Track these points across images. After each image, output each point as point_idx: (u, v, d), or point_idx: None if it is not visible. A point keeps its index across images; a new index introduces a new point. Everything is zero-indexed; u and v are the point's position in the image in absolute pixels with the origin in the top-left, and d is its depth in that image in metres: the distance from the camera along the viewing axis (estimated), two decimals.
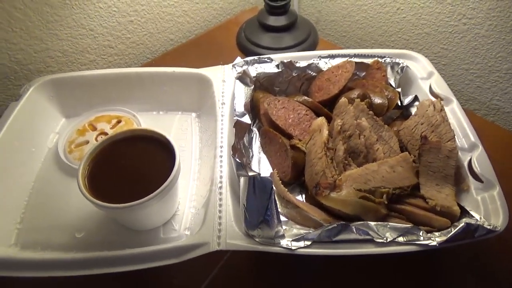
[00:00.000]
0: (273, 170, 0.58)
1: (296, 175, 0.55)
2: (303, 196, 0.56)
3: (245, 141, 0.59)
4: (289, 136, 0.59)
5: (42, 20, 0.65)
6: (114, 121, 0.65)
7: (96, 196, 0.45)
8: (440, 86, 0.60)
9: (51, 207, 0.55)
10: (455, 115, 0.56)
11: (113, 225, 0.52)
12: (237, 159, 0.49)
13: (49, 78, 0.64)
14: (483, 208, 0.46)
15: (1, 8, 0.60)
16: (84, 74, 0.66)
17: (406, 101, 0.63)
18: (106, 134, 0.63)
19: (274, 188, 0.43)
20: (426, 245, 0.42)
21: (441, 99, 0.57)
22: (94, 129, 0.64)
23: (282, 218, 0.52)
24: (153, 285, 0.50)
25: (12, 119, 0.57)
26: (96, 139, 0.62)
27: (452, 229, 0.43)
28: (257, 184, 0.43)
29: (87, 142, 0.62)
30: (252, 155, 0.61)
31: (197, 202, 0.55)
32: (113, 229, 0.52)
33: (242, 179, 0.46)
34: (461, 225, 0.42)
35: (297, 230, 0.47)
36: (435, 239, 0.42)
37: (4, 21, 0.61)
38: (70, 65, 0.74)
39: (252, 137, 0.63)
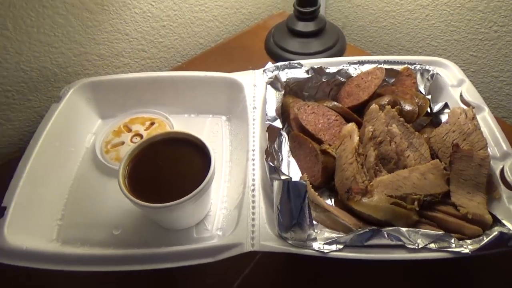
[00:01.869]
0: (302, 174, 0.59)
1: (326, 180, 0.56)
2: (332, 200, 0.57)
3: (275, 145, 0.61)
4: (319, 141, 0.60)
5: (82, 25, 0.68)
6: (147, 123, 0.67)
7: (135, 196, 0.47)
8: (471, 94, 0.60)
9: (90, 204, 0.57)
10: (487, 123, 0.56)
11: (148, 224, 0.54)
12: (270, 163, 0.50)
13: (87, 81, 0.66)
14: None
15: (46, 15, 0.63)
16: (120, 77, 0.69)
17: (436, 108, 0.63)
18: (140, 135, 0.65)
19: (307, 192, 0.44)
20: (459, 252, 0.43)
21: (473, 107, 0.57)
22: (129, 130, 0.66)
23: (313, 222, 0.53)
24: (185, 284, 0.52)
25: (53, 120, 0.60)
26: (131, 140, 0.65)
27: (485, 238, 0.44)
28: (291, 188, 0.44)
29: (123, 143, 0.64)
30: (282, 158, 0.62)
31: (229, 204, 0.56)
32: (149, 227, 0.54)
33: (275, 182, 0.47)
34: (494, 233, 0.42)
35: (328, 233, 0.48)
36: (468, 247, 0.43)
37: (48, 27, 0.64)
38: (105, 68, 0.77)
39: (282, 141, 0.65)
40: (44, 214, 0.54)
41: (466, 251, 0.42)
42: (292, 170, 0.61)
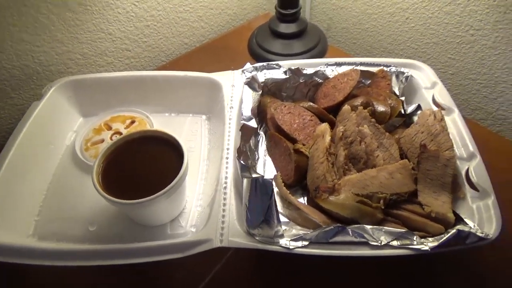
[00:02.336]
0: (277, 172, 0.61)
1: (298, 178, 0.58)
2: (305, 198, 0.58)
3: (251, 144, 0.62)
4: (294, 141, 0.61)
5: (64, 24, 0.69)
6: (128, 122, 0.68)
7: (109, 192, 0.48)
8: (443, 96, 0.62)
9: (67, 201, 0.58)
10: (456, 125, 0.57)
11: (123, 220, 0.55)
12: (242, 161, 0.51)
13: (69, 79, 0.67)
14: (478, 217, 0.48)
15: (28, 14, 0.64)
16: (102, 76, 0.70)
17: (410, 109, 0.64)
18: (120, 133, 0.66)
19: (274, 190, 0.46)
20: (418, 249, 0.44)
21: (443, 109, 0.59)
22: (109, 128, 0.67)
23: (284, 219, 0.54)
24: (159, 278, 0.53)
25: (34, 117, 0.61)
26: (111, 138, 0.66)
27: (445, 235, 0.45)
28: (259, 186, 0.46)
29: (103, 140, 0.66)
30: (258, 157, 0.64)
31: (203, 201, 0.58)
32: (124, 224, 0.55)
33: (245, 180, 0.49)
34: (453, 231, 0.44)
35: (296, 230, 0.50)
36: (428, 244, 0.44)
37: (30, 26, 0.65)
38: (89, 67, 0.78)
39: (259, 140, 0.66)
40: (22, 209, 0.55)
41: (426, 248, 0.44)
42: (267, 169, 0.63)
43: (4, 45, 0.65)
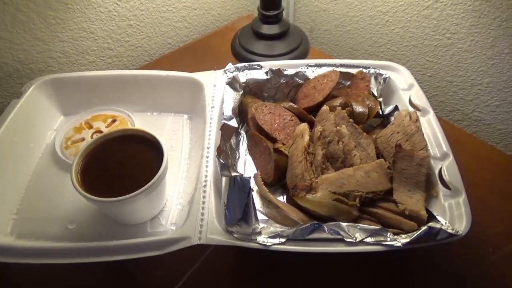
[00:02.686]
0: (257, 171, 0.62)
1: (278, 177, 0.59)
2: (285, 197, 0.59)
3: (232, 143, 0.62)
4: (274, 140, 0.62)
5: (45, 22, 0.69)
6: (109, 120, 0.68)
7: (88, 191, 0.48)
8: (419, 98, 0.63)
9: (46, 199, 0.58)
10: (431, 125, 0.59)
11: (103, 219, 0.55)
12: (222, 160, 0.52)
13: (50, 78, 0.67)
14: (449, 214, 0.49)
15: (6, 11, 0.64)
16: (83, 74, 0.70)
17: (387, 110, 0.66)
18: (101, 132, 0.66)
19: (252, 188, 0.47)
20: (391, 245, 0.45)
21: (419, 110, 0.61)
22: (90, 127, 0.67)
23: (263, 217, 0.55)
24: (138, 276, 0.53)
25: (12, 116, 0.61)
26: (91, 137, 0.65)
27: (417, 232, 0.46)
28: (237, 184, 0.46)
29: (83, 139, 0.65)
30: (239, 156, 0.64)
31: (184, 200, 0.58)
32: (103, 222, 0.55)
33: (224, 179, 0.49)
34: (424, 228, 0.45)
35: (274, 228, 0.50)
36: (400, 241, 0.46)
37: (9, 23, 0.65)
38: (70, 66, 0.77)
39: (240, 140, 0.67)
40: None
41: (398, 244, 0.45)
42: (248, 168, 0.63)
43: None
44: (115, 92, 0.70)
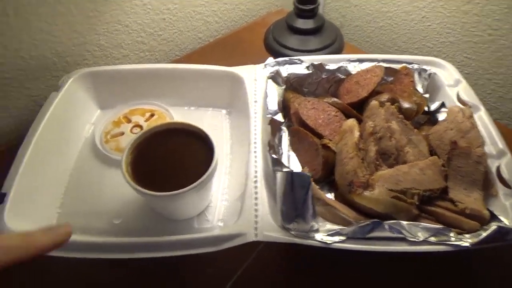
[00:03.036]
0: (303, 167, 0.60)
1: (326, 174, 0.57)
2: (332, 194, 0.58)
3: (276, 138, 0.61)
4: (319, 136, 0.60)
5: (83, 15, 0.68)
6: (148, 115, 0.67)
7: (138, 184, 0.47)
8: (468, 94, 0.62)
9: (89, 194, 0.57)
10: (483, 122, 0.57)
11: (149, 214, 0.54)
12: (273, 155, 0.51)
13: (88, 71, 0.66)
14: None
15: (46, 3, 0.63)
16: (120, 68, 0.69)
17: (433, 107, 0.64)
18: (140, 126, 0.65)
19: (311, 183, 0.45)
20: (458, 245, 0.44)
21: (469, 106, 0.59)
22: (129, 121, 0.66)
23: (316, 213, 0.54)
24: (188, 274, 0.52)
25: (52, 109, 0.59)
26: (131, 131, 0.64)
27: (483, 232, 0.45)
28: (295, 179, 0.45)
29: (123, 133, 0.64)
30: (282, 152, 0.63)
31: (229, 195, 0.57)
32: (149, 217, 0.54)
33: (279, 174, 0.48)
34: (493, 228, 0.43)
35: (330, 225, 0.49)
36: (467, 240, 0.44)
37: (48, 15, 0.64)
38: (104, 59, 0.76)
39: (281, 135, 0.65)
40: (44, 201, 0.54)
41: (466, 244, 0.44)
42: (292, 163, 0.62)
43: (22, 34, 0.63)
44: (152, 86, 0.69)
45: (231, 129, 0.67)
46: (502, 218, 0.47)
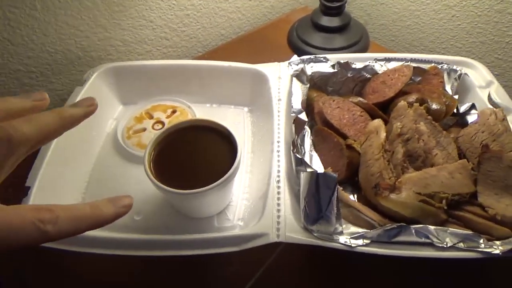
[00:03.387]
0: (325, 168, 0.59)
1: (349, 175, 0.56)
2: (355, 196, 0.56)
3: (299, 138, 0.60)
4: (343, 136, 0.59)
5: (108, 9, 0.68)
6: (169, 111, 0.67)
7: (160, 181, 0.47)
8: (500, 96, 0.59)
9: (111, 189, 0.57)
10: None
11: (170, 211, 0.54)
12: (297, 155, 0.50)
13: (112, 66, 0.66)
14: None
15: None
16: (143, 63, 0.69)
17: (462, 108, 0.62)
18: (162, 122, 0.65)
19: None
20: (489, 252, 0.42)
21: (502, 109, 0.57)
22: (151, 117, 0.66)
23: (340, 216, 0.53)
24: (207, 273, 0.52)
25: None
26: (153, 127, 0.64)
27: None
28: (321, 180, 0.44)
29: (145, 129, 0.64)
30: (304, 152, 0.61)
31: (250, 195, 0.56)
32: (170, 214, 0.54)
33: (303, 174, 0.47)
34: None
35: (354, 228, 0.47)
36: (498, 248, 0.42)
37: (75, 9, 0.64)
38: (128, 54, 0.77)
39: (304, 135, 0.64)
40: (66, 195, 0.54)
41: (497, 251, 0.42)
42: (314, 164, 0.60)
43: (49, 28, 0.63)
44: (174, 82, 0.69)
45: (252, 127, 0.66)
46: None
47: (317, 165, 0.60)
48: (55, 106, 0.68)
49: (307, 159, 0.61)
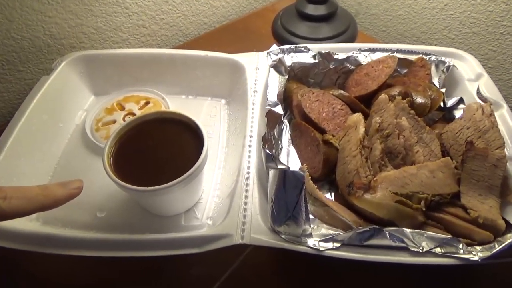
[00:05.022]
0: (302, 164, 0.56)
1: (326, 172, 0.53)
2: (332, 194, 0.53)
3: (275, 132, 0.57)
4: (322, 131, 0.56)
5: None
6: (142, 102, 0.64)
7: (121, 177, 0.44)
8: (490, 89, 0.56)
9: None
10: (505, 121, 0.52)
11: (135, 208, 0.51)
12: (267, 150, 0.46)
13: (81, 54, 0.63)
14: None
15: None
16: (116, 52, 0.65)
17: (450, 102, 0.58)
18: (134, 114, 0.62)
19: (306, 184, 0.41)
20: (467, 259, 0.39)
21: (490, 103, 0.53)
22: (122, 108, 0.63)
23: (309, 216, 0.49)
24: (172, 275, 0.49)
25: (42, 93, 0.57)
26: (123, 119, 0.61)
27: (496, 245, 0.40)
28: (288, 178, 0.41)
29: (114, 121, 0.61)
30: (281, 147, 0.58)
31: (221, 192, 0.53)
32: (135, 212, 0.51)
33: (271, 172, 0.44)
34: (508, 241, 0.38)
35: (325, 230, 0.45)
36: (477, 254, 0.39)
37: None
38: (102, 42, 0.73)
39: (282, 129, 0.60)
40: None
41: (475, 258, 0.39)
42: (291, 160, 0.57)
43: (13, 13, 0.60)
44: (149, 72, 0.66)
45: (229, 120, 0.63)
46: None
47: (294, 161, 0.57)
48: (25, 95, 0.65)
49: (284, 154, 0.58)
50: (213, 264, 0.49)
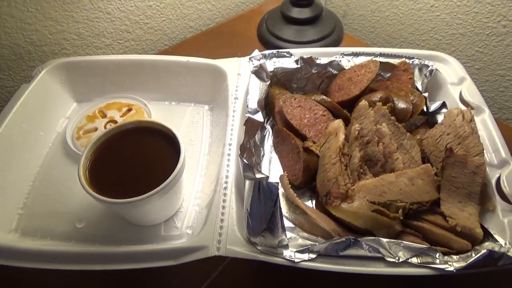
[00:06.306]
0: (283, 171, 0.55)
1: (307, 180, 0.52)
2: (313, 202, 0.53)
3: (256, 139, 0.56)
4: (303, 137, 0.55)
5: (58, 1, 0.64)
6: (124, 109, 0.63)
7: (97, 189, 0.44)
8: (472, 94, 0.55)
9: (55, 194, 0.54)
10: (486, 127, 0.51)
11: (114, 218, 0.51)
12: (245, 160, 0.46)
13: (62, 61, 0.62)
14: (510, 233, 0.42)
15: None
16: (97, 58, 0.65)
17: (433, 107, 0.58)
18: (115, 122, 0.61)
19: (280, 194, 0.40)
20: (442, 269, 0.39)
21: (472, 108, 0.53)
22: (104, 116, 0.62)
23: (289, 224, 0.49)
24: (150, 285, 0.48)
25: (22, 101, 0.57)
26: (105, 127, 0.61)
27: (473, 254, 0.40)
28: (263, 189, 0.40)
29: (96, 129, 0.61)
30: (263, 154, 0.58)
31: (202, 200, 0.53)
32: (114, 222, 0.50)
33: (247, 183, 0.43)
34: (483, 251, 0.38)
35: (302, 240, 0.44)
36: (453, 264, 0.39)
37: (20, 1, 0.60)
38: (85, 49, 0.72)
39: (265, 135, 0.60)
40: (5, 201, 0.51)
41: (451, 268, 0.38)
42: (273, 167, 0.57)
43: None
44: (131, 79, 0.65)
45: (211, 126, 0.62)
46: (497, 238, 0.42)
47: (276, 169, 0.57)
48: (5, 104, 0.65)
49: (266, 161, 0.58)
50: (192, 274, 0.48)
